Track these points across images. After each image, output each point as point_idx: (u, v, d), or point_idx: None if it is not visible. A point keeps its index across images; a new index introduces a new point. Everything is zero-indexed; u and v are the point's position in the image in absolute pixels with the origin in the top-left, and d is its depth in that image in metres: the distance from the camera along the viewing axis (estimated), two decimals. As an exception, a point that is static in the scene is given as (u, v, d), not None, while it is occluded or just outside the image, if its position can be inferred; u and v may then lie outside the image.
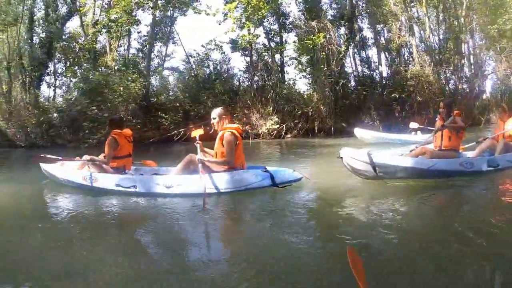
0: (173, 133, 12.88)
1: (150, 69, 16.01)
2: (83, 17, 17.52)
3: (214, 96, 14.57)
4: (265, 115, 13.84)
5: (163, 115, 13.33)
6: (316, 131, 14.25)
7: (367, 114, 15.58)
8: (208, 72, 16.96)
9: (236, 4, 12.91)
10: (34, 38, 16.06)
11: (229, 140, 3.52)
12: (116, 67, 15.07)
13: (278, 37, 16.64)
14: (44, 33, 15.88)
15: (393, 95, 15.64)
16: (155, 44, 17.69)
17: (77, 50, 17.50)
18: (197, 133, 4.38)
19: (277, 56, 16.47)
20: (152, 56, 17.19)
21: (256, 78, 15.59)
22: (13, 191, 4.41)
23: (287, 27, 16.75)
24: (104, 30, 14.65)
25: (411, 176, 4.06)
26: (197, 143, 3.95)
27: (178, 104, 14.08)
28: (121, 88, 12.04)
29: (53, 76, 18.19)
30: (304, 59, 14.07)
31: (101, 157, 4.08)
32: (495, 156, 4.72)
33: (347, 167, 3.95)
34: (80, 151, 5.87)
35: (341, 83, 15.12)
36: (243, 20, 13.35)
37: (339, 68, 15.20)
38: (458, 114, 4.39)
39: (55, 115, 11.86)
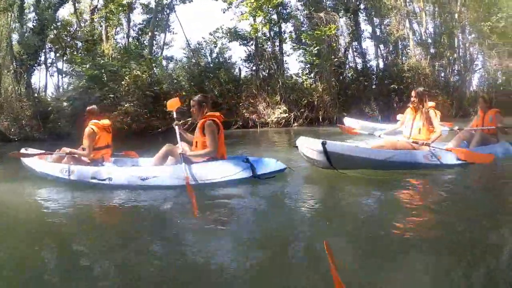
0: (180, 122, 13.34)
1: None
2: (76, 4, 17.69)
3: (219, 85, 15.09)
4: (273, 104, 14.53)
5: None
6: (320, 120, 15.08)
7: (367, 105, 16.62)
8: (208, 61, 17.40)
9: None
10: (24, 26, 15.93)
11: (211, 129, 3.38)
12: (112, 55, 15.21)
13: (277, 27, 17.21)
14: (35, 21, 15.74)
15: (391, 86, 16.75)
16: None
17: (69, 39, 17.56)
18: (173, 104, 4.23)
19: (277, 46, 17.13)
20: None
21: (260, 67, 16.25)
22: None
23: (285, 17, 17.22)
24: (109, 16, 14.86)
25: (369, 167, 3.97)
26: (176, 124, 3.79)
27: (184, 93, 14.48)
28: (131, 75, 12.31)
29: (44, 66, 18.20)
30: (315, 49, 14.82)
31: (79, 149, 4.04)
32: (467, 149, 4.59)
33: (303, 157, 3.98)
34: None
35: (344, 74, 16.06)
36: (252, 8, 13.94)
37: (345, 59, 16.18)
38: (433, 107, 4.24)
39: (64, 104, 11.88)
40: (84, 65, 11.96)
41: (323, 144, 3.74)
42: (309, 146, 3.88)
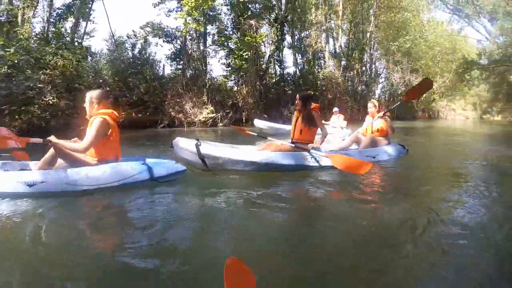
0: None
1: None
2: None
3: (145, 81, 15.45)
4: (200, 104, 15.65)
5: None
6: (244, 121, 16.68)
7: (285, 108, 18.84)
8: (130, 55, 17.61)
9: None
10: None
11: (97, 125, 3.21)
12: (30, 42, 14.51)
13: (203, 28, 18.01)
14: None
15: (308, 92, 19.22)
16: (70, 20, 17.57)
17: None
18: None
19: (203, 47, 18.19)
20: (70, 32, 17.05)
21: (187, 66, 17.18)
22: None
23: (210, 19, 18.24)
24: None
25: (246, 169, 3.99)
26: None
27: (108, 89, 14.65)
28: (60, 65, 11.77)
29: None
30: (245, 54, 16.30)
31: None
32: (351, 150, 4.90)
33: (180, 158, 3.89)
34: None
35: (267, 78, 17.96)
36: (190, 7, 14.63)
37: (268, 65, 18.09)
38: (315, 108, 4.41)
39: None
40: (8, 49, 10.85)
41: (197, 145, 3.74)
42: (184, 147, 3.84)
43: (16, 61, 10.95)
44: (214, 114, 15.86)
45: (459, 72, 30.08)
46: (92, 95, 3.40)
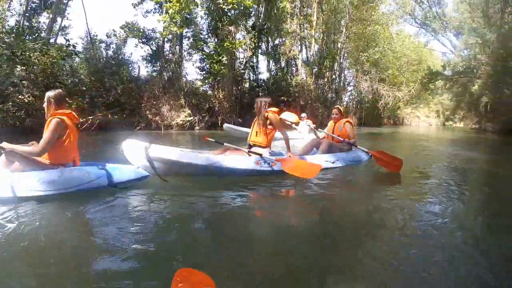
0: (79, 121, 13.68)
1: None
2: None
3: (121, 82, 15.79)
4: (177, 107, 16.18)
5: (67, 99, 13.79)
6: (219, 124, 17.26)
7: (259, 112, 19.78)
8: (106, 56, 17.88)
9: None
10: None
11: (52, 126, 3.12)
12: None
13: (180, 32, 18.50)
14: None
15: (281, 98, 20.28)
16: (42, 15, 17.51)
17: None
18: None
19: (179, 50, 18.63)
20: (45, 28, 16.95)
21: (164, 69, 17.65)
22: None
23: (186, 22, 18.79)
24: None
25: (199, 174, 3.99)
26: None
27: (84, 88, 14.85)
28: (43, 61, 11.70)
29: None
30: (224, 59, 16.96)
31: None
32: (310, 155, 4.95)
33: (130, 161, 3.82)
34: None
35: (242, 84, 18.80)
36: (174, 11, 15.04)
37: (245, 71, 18.92)
38: (274, 112, 4.49)
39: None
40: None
41: (146, 147, 3.68)
42: (134, 150, 3.77)
43: None
44: (191, 118, 16.42)
45: (424, 82, 32.29)
46: (50, 94, 3.31)
